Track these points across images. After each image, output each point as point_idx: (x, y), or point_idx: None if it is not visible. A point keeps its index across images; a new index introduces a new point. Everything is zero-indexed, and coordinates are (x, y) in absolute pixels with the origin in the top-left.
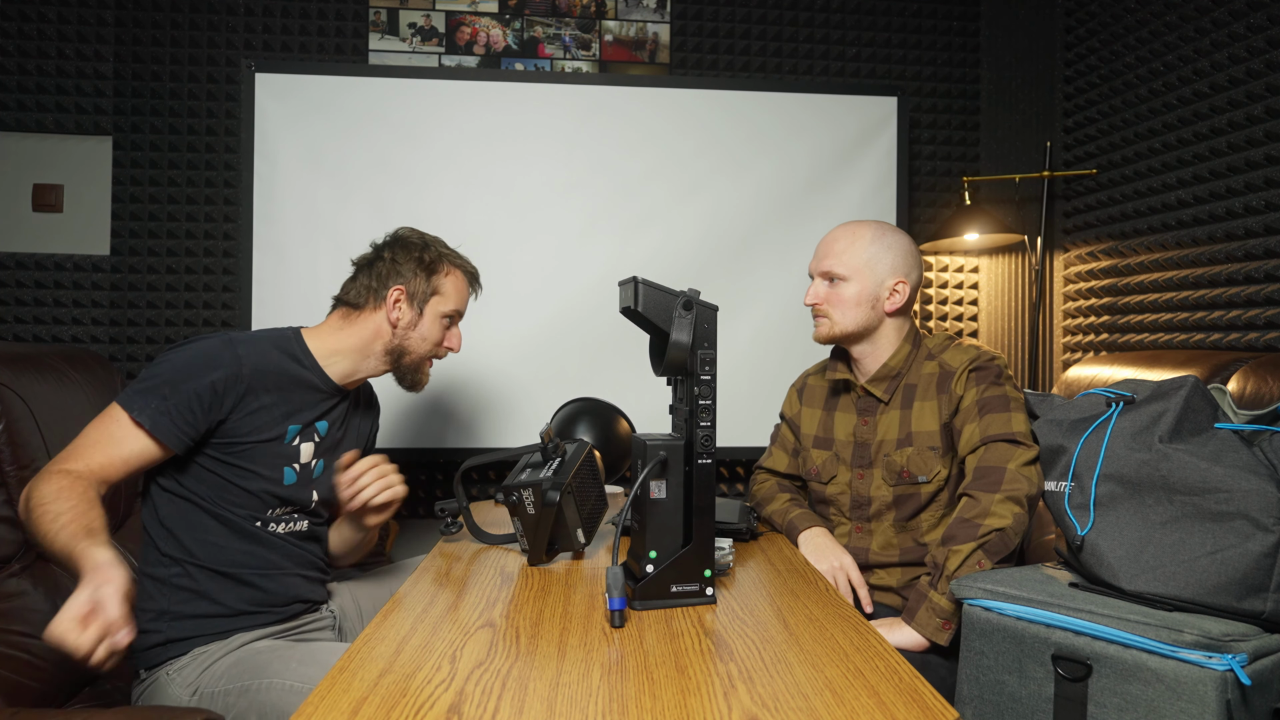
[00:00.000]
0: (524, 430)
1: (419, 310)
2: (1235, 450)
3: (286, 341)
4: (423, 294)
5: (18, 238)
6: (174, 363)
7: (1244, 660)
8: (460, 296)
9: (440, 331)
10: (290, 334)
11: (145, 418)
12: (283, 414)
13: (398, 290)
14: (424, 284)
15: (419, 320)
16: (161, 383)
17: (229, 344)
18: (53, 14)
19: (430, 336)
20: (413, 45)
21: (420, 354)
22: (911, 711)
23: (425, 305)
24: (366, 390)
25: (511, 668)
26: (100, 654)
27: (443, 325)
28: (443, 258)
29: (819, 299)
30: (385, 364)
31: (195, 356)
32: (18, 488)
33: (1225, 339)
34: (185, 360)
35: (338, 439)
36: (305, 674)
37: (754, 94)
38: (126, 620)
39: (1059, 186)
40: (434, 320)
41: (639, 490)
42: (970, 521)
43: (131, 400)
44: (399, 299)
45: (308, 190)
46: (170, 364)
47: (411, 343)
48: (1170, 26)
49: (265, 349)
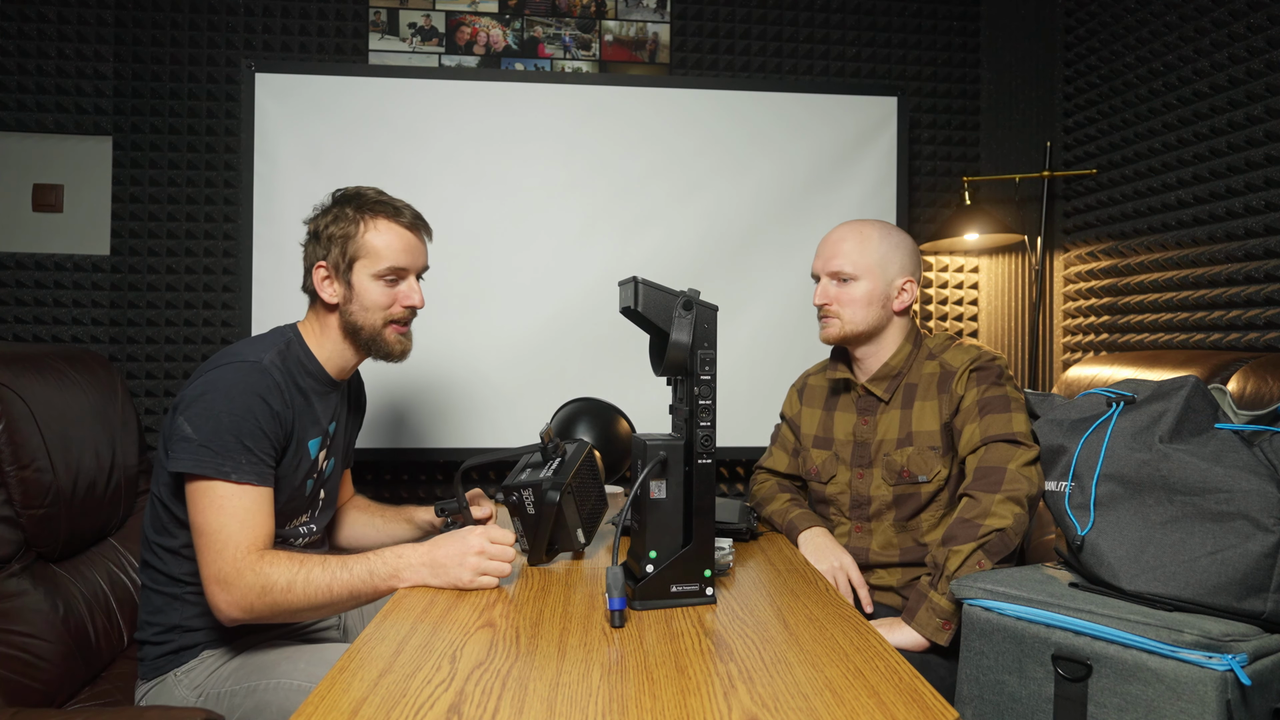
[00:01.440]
0: (524, 430)
1: (346, 282)
2: (1235, 450)
3: (292, 348)
4: (345, 263)
5: (18, 238)
6: (230, 411)
7: (1244, 660)
8: (393, 249)
9: (384, 294)
10: (293, 338)
11: (252, 477)
12: (308, 432)
13: (319, 268)
14: (338, 251)
15: (351, 292)
16: (231, 437)
17: (263, 373)
18: (53, 14)
19: (373, 304)
20: (413, 45)
21: (372, 325)
22: (911, 711)
23: (350, 274)
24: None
25: (511, 668)
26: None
27: (384, 286)
28: (359, 214)
29: (829, 299)
30: (351, 347)
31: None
32: (18, 488)
33: (1225, 339)
34: (242, 407)
35: (340, 431)
36: (312, 673)
37: (754, 94)
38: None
39: (1059, 186)
40: (367, 285)
41: (639, 490)
42: (971, 522)
43: (220, 466)
44: (325, 277)
45: (308, 190)
46: (228, 414)
47: (356, 316)
48: (1170, 26)
49: (287, 371)
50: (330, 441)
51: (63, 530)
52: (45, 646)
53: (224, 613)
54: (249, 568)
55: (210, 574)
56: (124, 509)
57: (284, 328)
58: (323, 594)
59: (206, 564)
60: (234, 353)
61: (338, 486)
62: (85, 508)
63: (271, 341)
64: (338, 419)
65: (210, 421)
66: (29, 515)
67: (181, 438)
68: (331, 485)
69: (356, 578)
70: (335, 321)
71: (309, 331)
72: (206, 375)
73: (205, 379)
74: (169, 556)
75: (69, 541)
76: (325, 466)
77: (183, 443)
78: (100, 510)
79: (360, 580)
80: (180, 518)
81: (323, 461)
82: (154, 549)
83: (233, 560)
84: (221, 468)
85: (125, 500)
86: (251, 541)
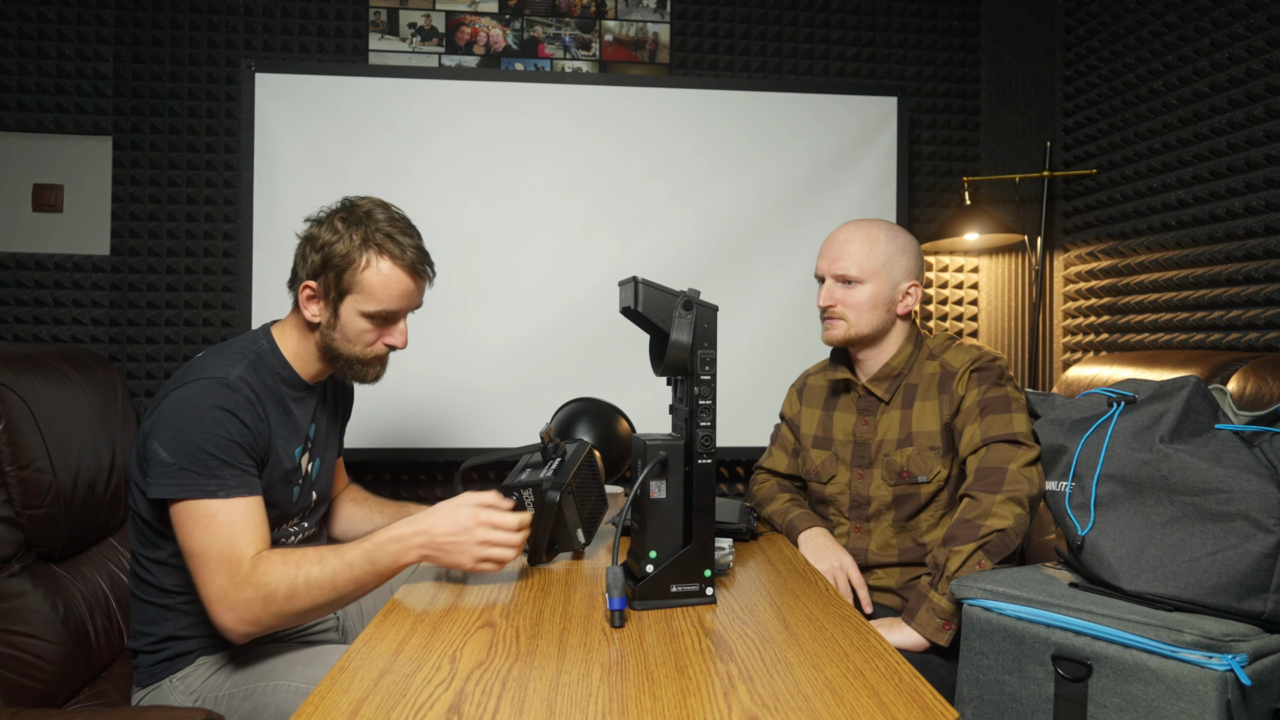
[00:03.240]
0: (524, 430)
1: (334, 309)
2: (1236, 451)
3: (264, 358)
4: (336, 291)
5: (18, 238)
6: (202, 430)
7: (1244, 660)
8: (390, 294)
9: (369, 333)
10: (265, 346)
11: (239, 490)
12: (288, 442)
13: (306, 287)
14: (332, 276)
15: (336, 321)
16: (209, 455)
17: (231, 389)
18: (53, 14)
19: (356, 338)
20: (413, 45)
21: (350, 354)
22: (911, 711)
23: (340, 304)
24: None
25: (511, 668)
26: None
27: (371, 325)
28: (364, 245)
29: (834, 301)
30: (324, 361)
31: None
32: (18, 488)
33: (1225, 339)
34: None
35: (323, 431)
36: (311, 675)
37: (754, 94)
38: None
39: (1059, 186)
40: (354, 320)
41: (639, 490)
42: (971, 522)
43: (205, 485)
44: (311, 297)
45: (308, 190)
46: (200, 432)
47: (337, 344)
48: (1170, 26)
49: (261, 383)
50: (312, 445)
51: (63, 530)
52: (45, 646)
53: (233, 631)
54: (245, 581)
55: (210, 595)
56: (124, 509)
57: (255, 333)
58: (326, 591)
59: (204, 585)
60: (199, 368)
61: (328, 483)
62: (85, 508)
63: (240, 353)
64: (317, 421)
65: (183, 443)
66: (29, 515)
67: (158, 462)
68: (320, 484)
69: (358, 569)
70: (306, 334)
71: (284, 335)
72: (172, 395)
73: (171, 399)
74: (156, 568)
75: (69, 541)
76: (310, 469)
77: (160, 468)
78: (100, 510)
79: (363, 571)
80: (162, 531)
81: (306, 465)
82: (141, 561)
83: (229, 576)
84: (206, 487)
85: (125, 500)
86: (244, 553)
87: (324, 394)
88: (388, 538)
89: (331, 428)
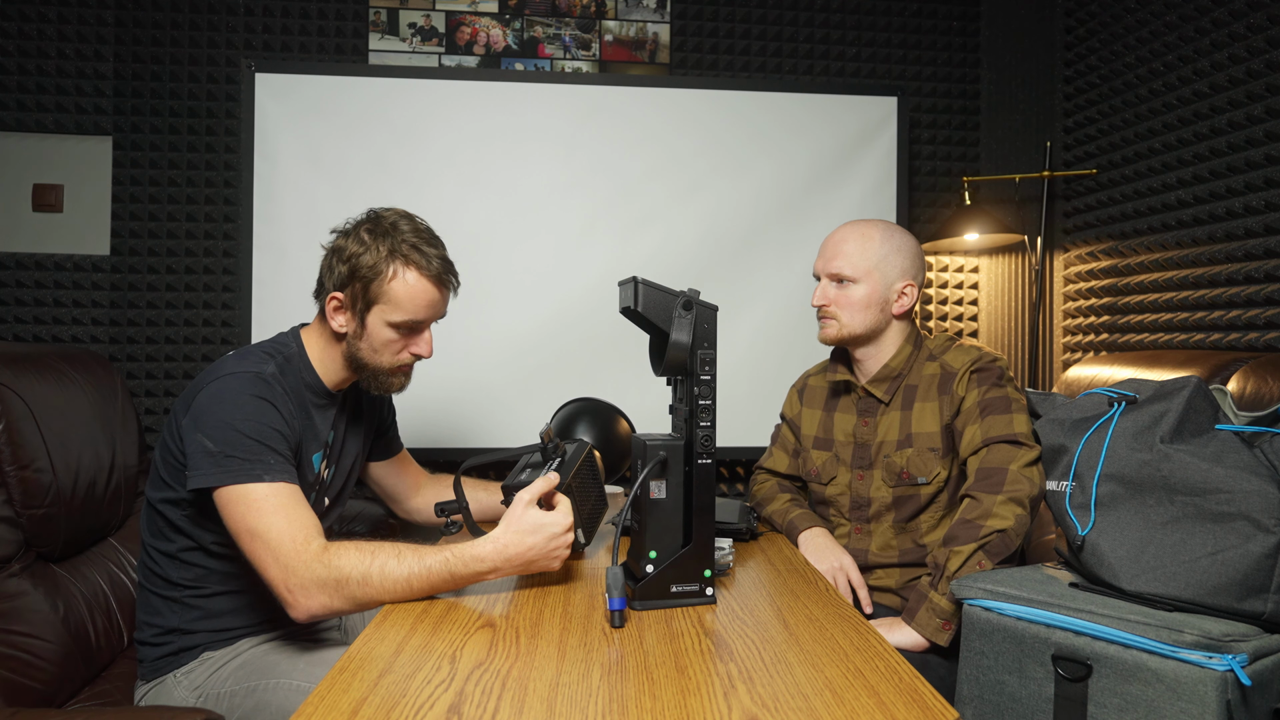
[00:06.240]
0: (524, 430)
1: (360, 320)
2: (1236, 451)
3: (293, 362)
4: (363, 302)
5: (18, 238)
6: (245, 417)
7: (1244, 660)
8: (416, 304)
9: (396, 342)
10: (295, 350)
11: (283, 475)
12: (309, 446)
13: (334, 299)
14: (360, 287)
15: (363, 330)
16: (253, 441)
17: (267, 384)
18: (53, 14)
19: (383, 347)
20: (413, 45)
21: (377, 365)
22: (911, 711)
23: (367, 314)
24: None
25: (511, 668)
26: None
27: (398, 334)
28: (391, 257)
29: (827, 300)
30: (349, 370)
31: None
32: (18, 488)
33: (1225, 339)
34: (255, 412)
35: (341, 438)
36: (313, 674)
37: (754, 94)
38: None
39: (1059, 186)
40: (381, 330)
41: (639, 490)
42: (972, 523)
43: (251, 470)
44: (338, 307)
45: (307, 190)
46: (243, 420)
47: (363, 354)
48: (1170, 26)
49: (288, 386)
50: (329, 452)
51: (63, 530)
52: (45, 646)
53: (299, 607)
54: (315, 559)
55: (274, 575)
56: (124, 509)
57: (285, 336)
58: (401, 587)
59: (267, 566)
60: (233, 363)
61: (341, 491)
62: (85, 508)
63: (270, 353)
64: (336, 429)
65: (227, 430)
66: (29, 515)
67: (203, 453)
68: (333, 491)
69: (436, 575)
70: (340, 347)
71: (312, 341)
72: (208, 388)
73: (208, 391)
74: (166, 561)
75: (69, 541)
76: (326, 475)
77: (206, 458)
78: (100, 510)
79: (441, 579)
80: (176, 523)
81: (324, 471)
82: (151, 553)
83: (293, 553)
84: (253, 471)
85: (125, 500)
86: (306, 534)
87: (344, 402)
88: (471, 556)
89: (351, 436)
